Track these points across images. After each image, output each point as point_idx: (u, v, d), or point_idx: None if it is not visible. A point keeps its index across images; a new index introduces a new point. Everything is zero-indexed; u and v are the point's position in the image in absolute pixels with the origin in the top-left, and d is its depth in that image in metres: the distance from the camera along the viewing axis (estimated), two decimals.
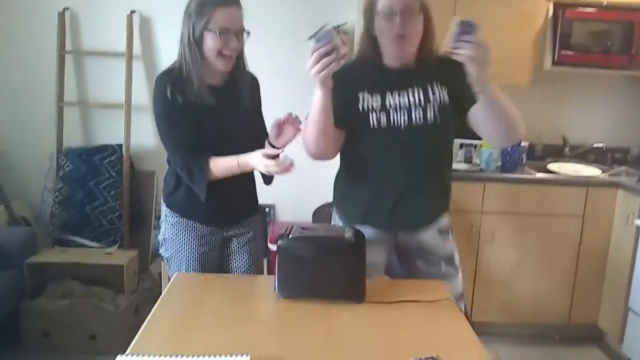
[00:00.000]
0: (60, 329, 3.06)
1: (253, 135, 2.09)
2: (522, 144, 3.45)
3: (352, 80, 1.92)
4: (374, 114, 1.89)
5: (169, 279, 2.00)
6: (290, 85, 3.72)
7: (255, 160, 1.90)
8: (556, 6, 3.40)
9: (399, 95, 1.88)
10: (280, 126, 1.98)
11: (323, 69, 1.70)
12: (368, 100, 1.90)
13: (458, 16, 1.62)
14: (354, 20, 3.62)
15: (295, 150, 1.87)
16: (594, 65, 3.46)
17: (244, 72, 2.07)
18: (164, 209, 2.14)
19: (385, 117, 1.89)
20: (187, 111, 1.92)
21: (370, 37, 1.91)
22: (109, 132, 3.74)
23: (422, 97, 1.88)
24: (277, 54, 3.71)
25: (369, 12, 1.87)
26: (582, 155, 3.79)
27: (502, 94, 1.78)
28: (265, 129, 2.12)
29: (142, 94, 3.70)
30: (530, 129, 3.75)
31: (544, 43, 3.46)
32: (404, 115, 1.88)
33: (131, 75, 3.62)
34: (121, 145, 3.63)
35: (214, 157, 1.95)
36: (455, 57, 1.63)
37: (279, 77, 3.72)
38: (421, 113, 1.87)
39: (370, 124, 1.90)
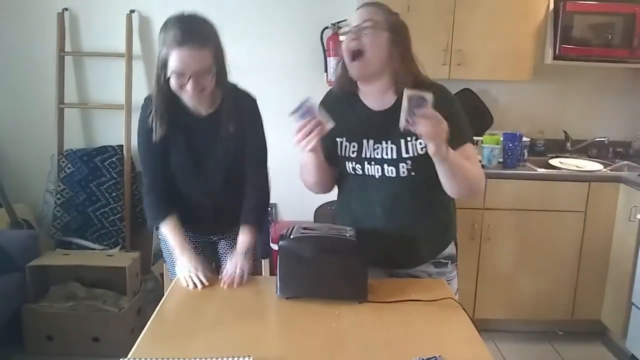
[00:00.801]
0: (63, 332, 3.07)
1: (233, 166, 2.01)
2: (524, 139, 3.44)
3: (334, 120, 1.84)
4: (350, 163, 1.88)
5: (171, 280, 2.00)
6: (291, 83, 3.73)
7: (182, 265, 1.92)
8: None
9: (374, 149, 1.84)
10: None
11: (309, 143, 1.70)
12: (346, 148, 1.88)
13: (409, 90, 1.57)
14: None
15: (296, 148, 1.86)
16: (595, 58, 3.45)
17: (227, 96, 1.94)
18: None
19: (360, 167, 1.87)
20: (163, 140, 1.89)
21: (341, 65, 1.86)
22: (109, 133, 3.74)
23: (394, 154, 1.81)
24: (278, 51, 3.71)
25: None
26: (584, 149, 3.78)
27: (460, 160, 1.73)
28: (255, 157, 2.06)
29: (143, 95, 3.61)
30: (532, 124, 3.76)
31: (545, 37, 3.45)
32: (377, 168, 1.84)
33: (131, 75, 3.61)
34: (122, 146, 3.63)
35: (172, 221, 1.98)
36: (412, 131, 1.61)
37: (281, 74, 3.72)
38: (394, 169, 1.82)
39: (347, 169, 1.90)
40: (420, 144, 1.78)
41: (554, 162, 3.52)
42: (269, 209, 3.77)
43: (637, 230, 3.09)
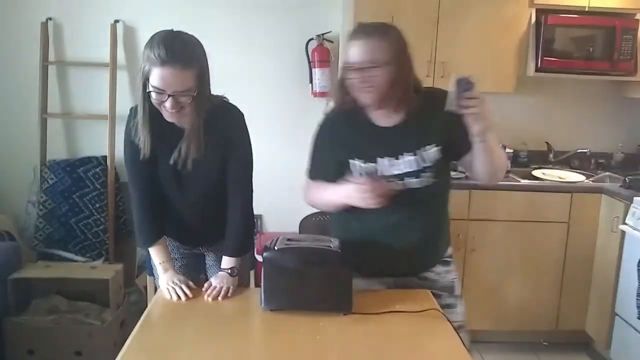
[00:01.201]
0: (46, 345, 3.02)
1: (215, 184, 1.98)
2: (507, 150, 3.46)
3: (343, 143, 1.88)
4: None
5: (155, 292, 1.98)
6: (277, 94, 3.73)
7: (162, 282, 1.94)
8: (539, 12, 3.43)
9: (391, 165, 1.84)
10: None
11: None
12: (360, 168, 1.87)
13: (455, 74, 1.64)
14: (339, 28, 3.62)
15: (282, 158, 1.87)
16: (577, 71, 3.49)
17: (212, 115, 1.88)
18: None
19: None
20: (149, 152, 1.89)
21: (343, 87, 1.84)
22: (93, 143, 3.71)
23: (414, 165, 1.84)
24: (263, 62, 3.71)
25: (343, 62, 1.83)
26: (566, 161, 3.82)
27: (494, 142, 1.80)
28: (238, 174, 2.01)
29: (127, 105, 3.61)
30: (515, 136, 3.79)
31: (527, 50, 3.48)
32: (397, 181, 1.85)
33: (115, 85, 3.59)
34: (106, 156, 3.61)
35: (160, 243, 2.01)
36: (462, 114, 1.67)
37: (266, 85, 3.73)
38: (416, 179, 1.85)
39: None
40: (436, 150, 1.84)
41: (537, 173, 3.55)
42: (255, 220, 3.76)
43: (619, 241, 3.12)
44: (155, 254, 2.00)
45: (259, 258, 2.57)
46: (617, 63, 3.42)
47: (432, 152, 1.84)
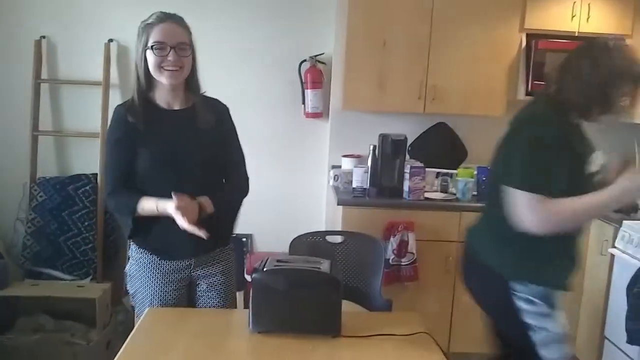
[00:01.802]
0: None
1: (211, 161, 2.02)
2: None
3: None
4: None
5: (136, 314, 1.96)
6: (269, 115, 3.75)
7: (171, 210, 1.83)
8: (529, 37, 3.47)
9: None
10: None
11: None
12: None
13: None
14: (331, 50, 3.65)
15: (274, 179, 1.88)
16: None
17: (199, 96, 2.05)
18: (130, 244, 2.09)
19: None
20: (134, 141, 1.93)
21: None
22: (84, 161, 3.70)
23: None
24: (256, 83, 3.73)
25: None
26: None
27: None
28: (233, 157, 2.10)
29: None
30: None
31: (518, 73, 3.52)
32: None
33: (107, 104, 3.59)
34: (96, 174, 3.59)
35: (143, 197, 1.91)
36: None
37: (259, 106, 3.74)
38: None
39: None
40: None
41: None
42: (244, 239, 3.75)
43: (608, 264, 3.12)
44: (147, 202, 1.91)
45: (249, 278, 2.57)
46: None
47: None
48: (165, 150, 1.94)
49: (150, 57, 1.89)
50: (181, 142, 1.97)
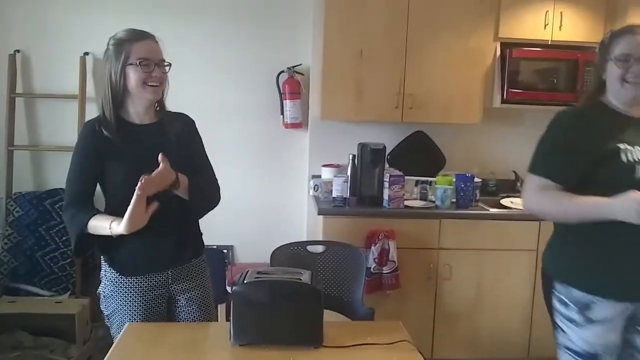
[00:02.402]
0: None
1: (184, 174, 1.99)
2: (476, 179, 3.51)
3: (601, 130, 1.84)
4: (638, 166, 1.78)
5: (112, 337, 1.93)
6: (248, 126, 3.74)
7: (119, 229, 1.79)
8: (503, 46, 3.53)
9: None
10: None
11: None
12: (631, 153, 1.79)
13: None
14: (308, 61, 3.67)
15: (253, 189, 1.88)
16: (542, 102, 3.58)
17: (168, 112, 2.07)
18: (103, 264, 2.04)
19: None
20: (104, 157, 1.92)
21: (598, 80, 1.92)
22: (61, 175, 3.57)
23: None
24: (235, 94, 3.73)
25: (601, 57, 1.88)
26: None
27: None
28: (203, 168, 2.11)
29: None
30: (483, 165, 3.85)
31: (493, 81, 3.57)
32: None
33: (84, 117, 3.56)
34: None
35: (98, 215, 1.89)
36: None
37: (238, 117, 3.74)
38: None
39: (635, 176, 1.77)
40: None
41: (505, 201, 3.60)
42: (225, 251, 3.73)
43: None
44: (98, 220, 1.86)
45: (229, 290, 2.56)
46: (580, 94, 3.52)
47: None
48: (141, 165, 1.88)
49: (134, 73, 1.89)
50: (153, 157, 1.90)
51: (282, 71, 3.69)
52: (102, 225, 1.85)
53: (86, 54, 3.58)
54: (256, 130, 3.77)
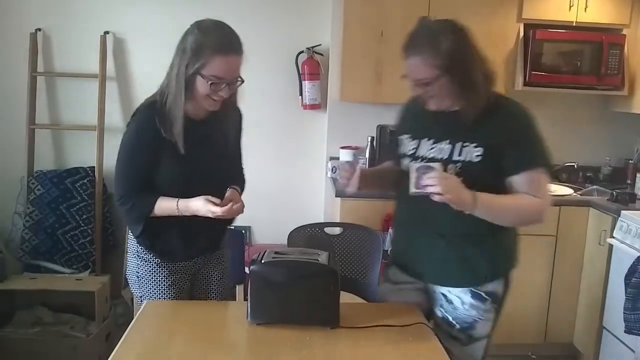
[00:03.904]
0: (29, 358, 2.98)
1: (229, 170, 2.04)
2: None
3: (406, 120, 2.02)
4: (405, 160, 1.88)
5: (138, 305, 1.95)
6: (267, 107, 3.73)
7: (198, 205, 1.80)
8: (527, 27, 3.46)
9: (430, 148, 1.83)
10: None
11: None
12: (406, 144, 1.91)
13: (415, 163, 1.75)
14: (328, 41, 3.64)
15: (271, 170, 1.88)
16: (565, 85, 3.52)
17: (230, 109, 1.98)
18: (135, 247, 2.01)
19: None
20: (156, 147, 1.84)
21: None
22: (81, 154, 3.69)
23: (446, 155, 1.79)
24: (254, 75, 3.70)
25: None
26: (554, 174, 3.83)
27: (498, 201, 1.75)
28: (239, 160, 2.12)
29: (115, 116, 3.67)
30: None
31: (515, 64, 3.51)
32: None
33: (104, 97, 3.58)
34: (94, 168, 3.58)
35: (160, 197, 1.86)
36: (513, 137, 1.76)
37: (256, 98, 3.73)
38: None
39: (402, 166, 1.90)
40: (477, 152, 1.76)
41: None
42: (243, 232, 3.75)
43: (607, 254, 3.13)
44: (165, 202, 1.85)
45: (247, 270, 2.57)
46: (604, 77, 3.45)
47: (470, 150, 1.76)
48: (196, 159, 1.88)
49: (202, 85, 1.77)
50: (208, 154, 1.91)
51: (302, 51, 3.66)
52: (169, 205, 1.84)
53: (106, 33, 3.59)
54: (274, 111, 3.76)
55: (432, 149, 1.83)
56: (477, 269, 1.87)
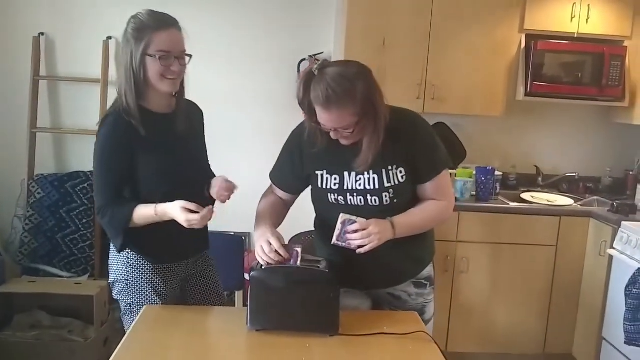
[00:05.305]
0: None
1: (201, 162, 2.07)
2: (497, 173, 3.48)
3: (311, 155, 1.92)
4: (333, 195, 1.89)
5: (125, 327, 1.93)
6: (268, 114, 3.74)
7: (175, 212, 1.79)
8: (528, 38, 3.48)
9: (356, 181, 1.86)
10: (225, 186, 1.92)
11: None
12: (327, 180, 1.90)
13: (342, 214, 1.76)
14: (330, 49, 3.65)
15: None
16: (566, 96, 3.53)
17: (184, 100, 2.00)
18: (124, 254, 1.99)
19: (342, 199, 1.88)
20: (134, 148, 1.85)
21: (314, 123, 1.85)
22: (82, 159, 3.69)
23: (377, 184, 1.84)
24: (256, 82, 3.73)
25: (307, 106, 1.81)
26: (555, 184, 3.84)
27: (409, 221, 1.86)
28: (208, 161, 2.14)
29: None
30: (504, 159, 3.82)
31: (517, 74, 3.52)
32: (360, 199, 1.86)
33: (106, 101, 3.58)
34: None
35: (139, 205, 1.85)
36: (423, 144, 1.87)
37: (258, 105, 3.74)
38: (377, 199, 1.85)
39: (329, 200, 1.91)
40: (400, 172, 1.84)
41: (525, 196, 3.57)
42: (243, 238, 3.74)
43: (607, 265, 3.13)
44: (143, 209, 1.84)
45: (247, 277, 2.57)
46: (606, 89, 3.46)
47: (395, 173, 1.84)
48: (171, 155, 1.91)
49: (153, 64, 1.80)
50: (179, 145, 1.94)
51: (304, 59, 3.67)
52: (147, 212, 1.83)
53: (109, 38, 3.60)
54: (277, 118, 3.76)
55: (358, 181, 1.86)
56: (420, 261, 2.04)
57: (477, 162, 3.62)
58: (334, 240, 1.77)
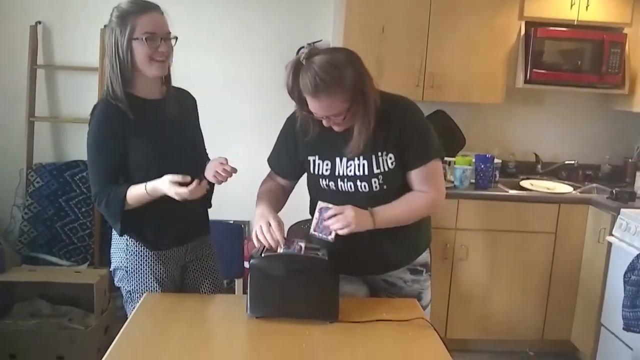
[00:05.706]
0: (28, 350, 2.98)
1: (194, 149, 2.07)
2: (496, 160, 3.48)
3: (304, 142, 1.92)
4: (324, 180, 1.90)
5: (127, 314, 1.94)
6: (266, 102, 3.73)
7: (163, 187, 1.80)
8: (528, 25, 3.46)
9: (347, 167, 1.86)
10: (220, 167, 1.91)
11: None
12: (319, 166, 1.91)
13: (320, 203, 1.79)
14: (329, 37, 3.63)
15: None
16: (565, 83, 3.52)
17: (173, 87, 2.03)
18: (122, 239, 1.99)
19: (333, 184, 1.89)
20: (125, 134, 1.86)
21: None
22: (80, 147, 3.61)
23: (366, 170, 1.84)
24: (254, 70, 3.71)
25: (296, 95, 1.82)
26: (554, 172, 3.84)
27: (392, 212, 1.85)
28: (202, 144, 2.15)
29: None
30: (503, 146, 3.81)
31: (517, 61, 3.51)
32: (350, 185, 1.87)
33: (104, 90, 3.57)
34: None
35: (130, 186, 1.86)
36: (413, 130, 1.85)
37: (257, 93, 3.73)
38: (366, 185, 1.85)
39: (321, 185, 1.92)
40: (390, 158, 1.84)
41: (524, 183, 3.57)
42: (242, 226, 3.74)
43: (606, 252, 3.13)
44: (137, 188, 1.85)
45: (247, 265, 2.57)
46: (605, 76, 3.45)
47: (384, 159, 1.84)
48: (161, 140, 1.92)
49: (140, 48, 1.82)
50: (171, 131, 1.95)
51: (302, 47, 3.63)
52: (138, 191, 1.84)
53: (106, 26, 3.57)
54: (275, 106, 3.74)
55: (349, 167, 1.86)
56: (415, 247, 2.03)
57: (477, 149, 3.62)
58: (311, 230, 1.78)
